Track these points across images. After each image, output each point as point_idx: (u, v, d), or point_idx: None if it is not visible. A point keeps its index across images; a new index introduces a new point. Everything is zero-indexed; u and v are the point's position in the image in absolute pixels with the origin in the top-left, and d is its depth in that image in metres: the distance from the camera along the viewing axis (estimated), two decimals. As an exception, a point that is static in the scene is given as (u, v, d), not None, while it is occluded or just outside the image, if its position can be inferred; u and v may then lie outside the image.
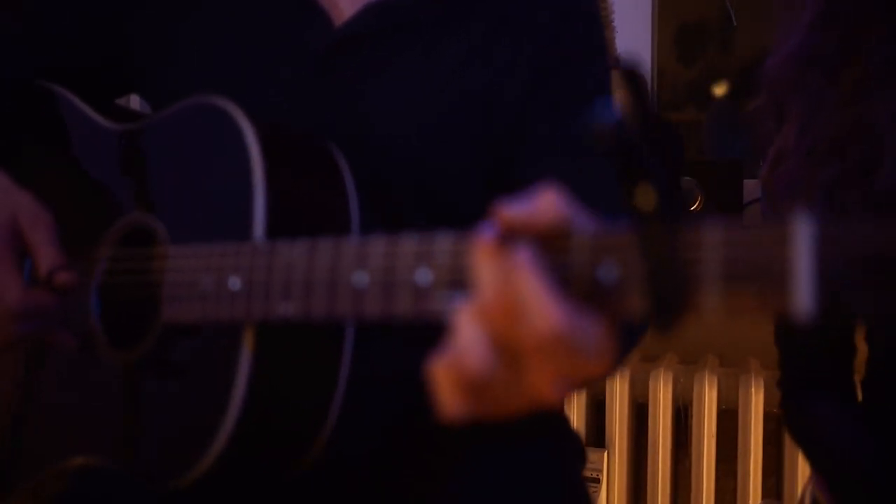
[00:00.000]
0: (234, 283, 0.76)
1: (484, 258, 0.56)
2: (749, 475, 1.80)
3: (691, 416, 1.87)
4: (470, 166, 0.97)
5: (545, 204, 0.55)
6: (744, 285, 0.47)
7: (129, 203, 0.92)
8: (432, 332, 0.92)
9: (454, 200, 0.97)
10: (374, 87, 0.95)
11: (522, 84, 0.97)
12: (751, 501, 1.80)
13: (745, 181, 1.76)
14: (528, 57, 0.97)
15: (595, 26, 1.02)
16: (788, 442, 1.82)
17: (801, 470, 1.78)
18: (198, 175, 0.87)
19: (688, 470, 1.88)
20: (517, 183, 0.98)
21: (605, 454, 1.92)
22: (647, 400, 1.90)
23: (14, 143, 1.01)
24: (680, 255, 0.48)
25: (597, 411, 1.99)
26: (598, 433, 1.97)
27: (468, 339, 0.55)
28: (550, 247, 0.54)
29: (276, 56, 0.96)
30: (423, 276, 0.63)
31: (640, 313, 0.50)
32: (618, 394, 1.91)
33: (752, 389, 1.83)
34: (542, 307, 0.52)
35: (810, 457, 1.08)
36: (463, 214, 0.97)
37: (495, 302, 0.54)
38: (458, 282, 0.61)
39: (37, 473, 0.93)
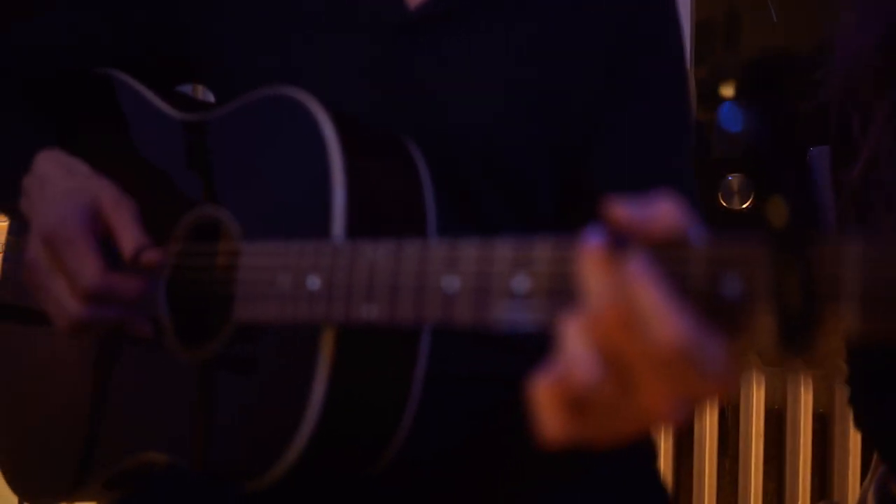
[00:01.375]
0: (314, 283, 0.75)
1: (594, 266, 0.53)
2: (798, 476, 1.78)
3: (737, 415, 1.85)
4: (541, 152, 0.95)
5: (662, 210, 0.53)
6: (885, 306, 0.45)
7: (198, 195, 0.91)
8: (510, 336, 0.91)
9: (525, 186, 0.95)
10: (448, 70, 0.93)
11: (598, 69, 0.95)
12: (799, 503, 1.78)
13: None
14: (604, 42, 0.95)
15: (671, 15, 0.99)
16: (838, 442, 1.79)
17: (851, 470, 1.76)
18: (272, 169, 0.85)
19: (732, 470, 1.86)
20: (589, 171, 0.96)
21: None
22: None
23: (82, 132, 1.00)
24: (814, 270, 0.46)
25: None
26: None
27: (576, 352, 0.52)
28: (666, 256, 0.52)
29: (346, 36, 0.94)
30: (521, 283, 0.61)
31: (766, 332, 0.48)
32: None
33: (801, 389, 1.80)
34: (662, 319, 0.49)
35: (886, 452, 1.05)
36: (533, 200, 0.96)
37: (607, 313, 0.51)
38: (559, 290, 0.59)
39: (109, 466, 0.92)
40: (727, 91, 2.42)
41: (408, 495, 0.90)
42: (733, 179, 1.67)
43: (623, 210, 0.53)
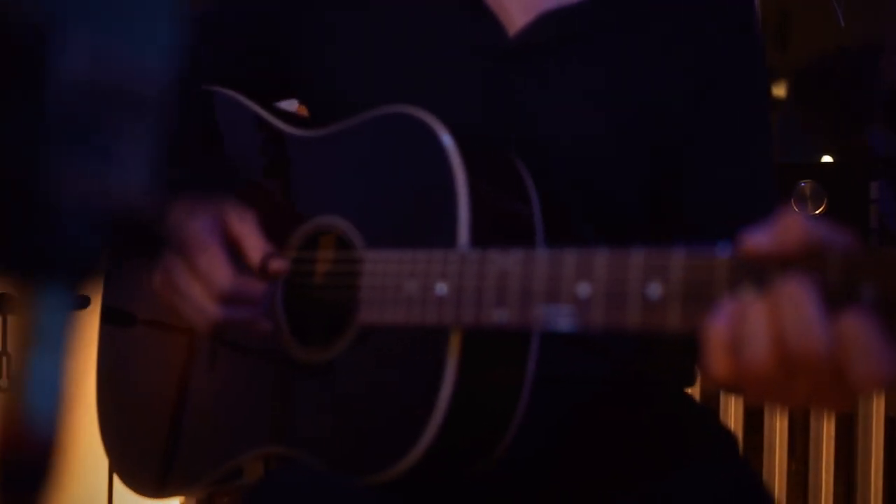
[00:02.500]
0: (441, 288, 0.79)
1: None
2: (869, 481, 1.79)
3: (807, 418, 1.87)
4: (633, 173, 0.99)
5: (790, 228, 0.57)
6: None
7: (314, 207, 0.96)
8: (601, 337, 0.95)
9: (615, 207, 0.99)
10: (545, 95, 0.97)
11: (689, 94, 0.98)
12: (871, 506, 1.79)
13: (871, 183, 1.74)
14: (696, 68, 0.99)
15: (758, 40, 1.03)
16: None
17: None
18: (393, 182, 0.90)
19: (801, 472, 1.88)
20: (679, 191, 1.00)
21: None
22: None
23: (199, 148, 1.05)
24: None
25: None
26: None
27: (753, 331, 0.57)
28: (806, 266, 0.56)
29: (448, 60, 0.98)
30: (654, 290, 0.65)
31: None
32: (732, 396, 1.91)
33: (873, 392, 1.81)
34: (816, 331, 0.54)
35: None
36: (623, 221, 1.00)
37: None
38: (694, 296, 0.63)
39: (222, 463, 0.97)
40: (778, 91, 2.40)
41: (504, 493, 0.94)
42: (805, 185, 1.69)
43: (754, 241, 0.57)
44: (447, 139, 0.84)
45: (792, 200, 1.68)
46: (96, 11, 0.24)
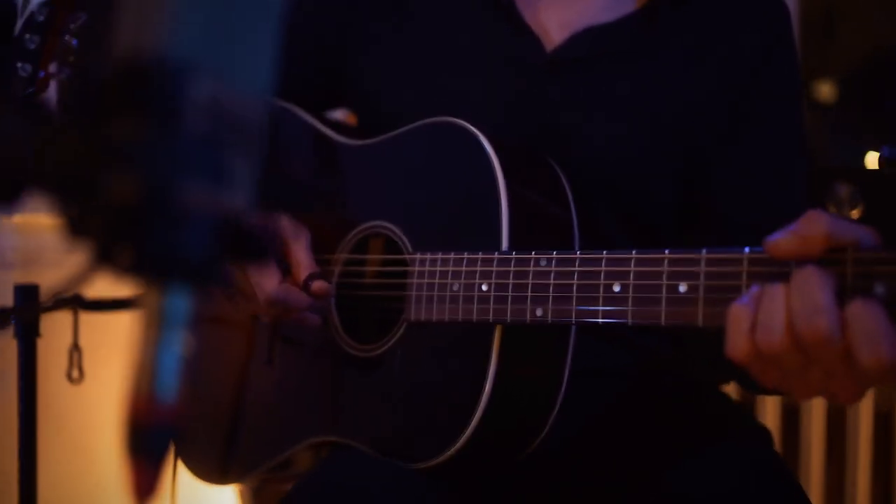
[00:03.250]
0: (483, 287, 0.86)
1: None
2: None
3: (844, 419, 1.89)
4: (665, 180, 1.03)
5: (817, 228, 0.63)
6: None
7: (365, 212, 1.02)
8: (636, 334, 0.99)
9: (647, 212, 1.03)
10: (581, 107, 1.03)
11: (721, 106, 1.02)
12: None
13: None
14: (730, 82, 1.02)
15: (793, 49, 1.07)
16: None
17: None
18: (439, 188, 0.97)
19: (839, 474, 1.90)
20: (709, 197, 1.05)
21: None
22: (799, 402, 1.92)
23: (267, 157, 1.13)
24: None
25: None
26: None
27: (769, 313, 0.63)
28: (826, 262, 0.62)
29: (492, 73, 1.05)
30: (680, 287, 0.71)
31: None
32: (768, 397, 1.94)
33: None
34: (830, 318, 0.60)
35: None
36: (654, 224, 1.05)
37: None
38: (716, 291, 0.69)
39: (282, 451, 1.04)
40: (825, 90, 2.38)
41: (541, 480, 0.99)
42: (842, 188, 1.72)
43: (777, 244, 0.63)
44: (489, 147, 0.91)
45: (828, 203, 1.71)
46: (217, 56, 0.30)
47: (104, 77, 0.30)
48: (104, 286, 0.41)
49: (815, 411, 1.92)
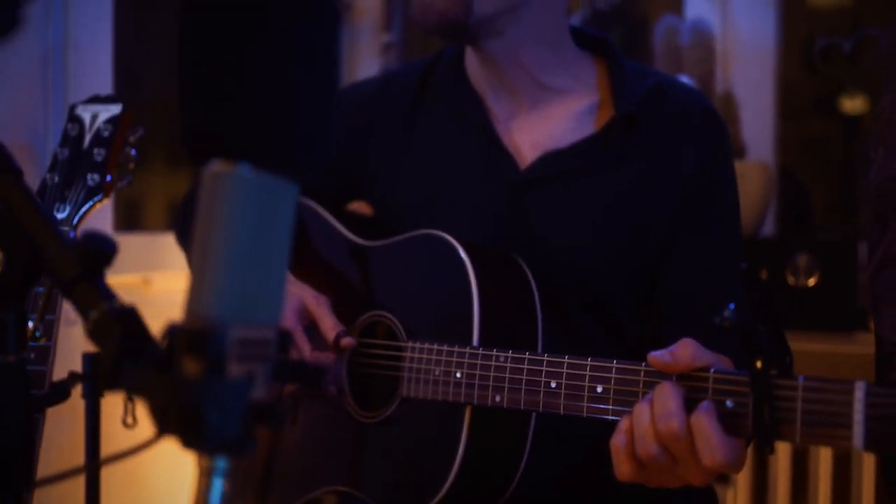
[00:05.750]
0: (458, 375, 1.10)
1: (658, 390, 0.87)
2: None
3: (807, 459, 2.09)
4: (622, 276, 1.25)
5: (685, 352, 0.86)
6: (817, 427, 0.76)
7: (370, 302, 1.27)
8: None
9: (608, 302, 1.25)
10: (550, 217, 1.26)
11: (671, 211, 1.24)
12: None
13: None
14: (677, 191, 1.23)
15: (729, 167, 1.28)
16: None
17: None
18: (426, 287, 1.21)
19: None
20: (660, 289, 1.26)
21: (730, 490, 2.17)
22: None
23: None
24: (775, 400, 0.78)
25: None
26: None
27: (639, 421, 0.86)
28: (691, 382, 0.85)
29: (475, 188, 1.29)
30: (598, 388, 0.94)
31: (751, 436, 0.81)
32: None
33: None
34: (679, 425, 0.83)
35: None
36: (614, 312, 1.27)
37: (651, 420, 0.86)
38: (625, 394, 0.92)
39: (306, 494, 1.29)
40: (852, 104, 2.49)
41: None
42: (801, 258, 1.93)
43: (657, 359, 0.86)
44: (465, 256, 1.15)
45: (786, 273, 1.92)
46: (248, 304, 0.55)
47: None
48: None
49: (781, 456, 2.12)
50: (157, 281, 2.10)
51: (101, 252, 0.63)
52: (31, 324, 1.54)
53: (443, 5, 1.16)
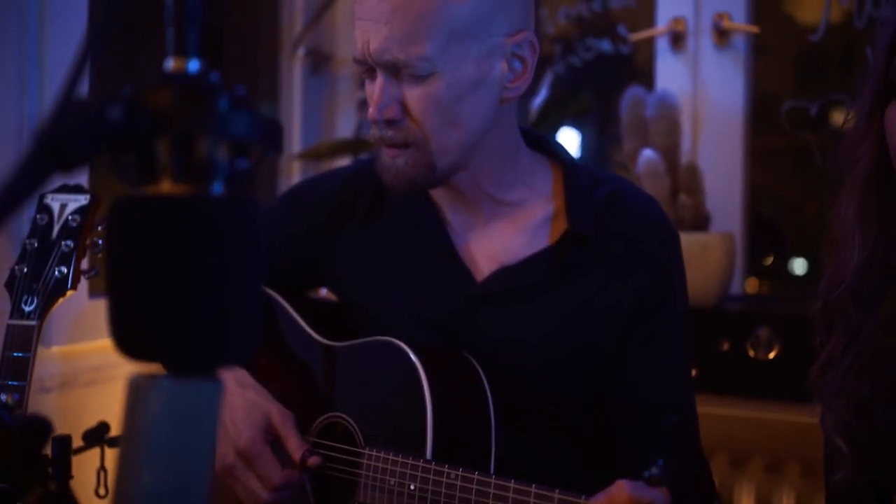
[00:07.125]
0: (412, 487, 1.13)
1: None
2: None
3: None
4: (574, 384, 1.27)
5: (618, 492, 0.90)
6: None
7: (329, 403, 1.30)
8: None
9: (560, 408, 1.28)
10: (504, 327, 1.28)
11: (620, 323, 1.26)
12: None
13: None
14: (627, 303, 1.26)
15: (678, 272, 1.31)
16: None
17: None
18: (382, 392, 1.24)
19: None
20: (611, 395, 1.29)
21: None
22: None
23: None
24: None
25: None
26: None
27: None
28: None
29: (430, 296, 1.31)
30: (541, 514, 0.98)
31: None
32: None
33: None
34: None
35: None
36: (567, 417, 1.30)
37: None
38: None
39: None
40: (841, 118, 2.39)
41: None
42: (762, 332, 1.97)
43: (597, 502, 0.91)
44: (418, 363, 1.18)
45: (748, 346, 1.95)
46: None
47: None
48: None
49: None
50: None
51: (39, 431, 0.65)
52: (3, 396, 1.56)
53: (412, 172, 1.21)
